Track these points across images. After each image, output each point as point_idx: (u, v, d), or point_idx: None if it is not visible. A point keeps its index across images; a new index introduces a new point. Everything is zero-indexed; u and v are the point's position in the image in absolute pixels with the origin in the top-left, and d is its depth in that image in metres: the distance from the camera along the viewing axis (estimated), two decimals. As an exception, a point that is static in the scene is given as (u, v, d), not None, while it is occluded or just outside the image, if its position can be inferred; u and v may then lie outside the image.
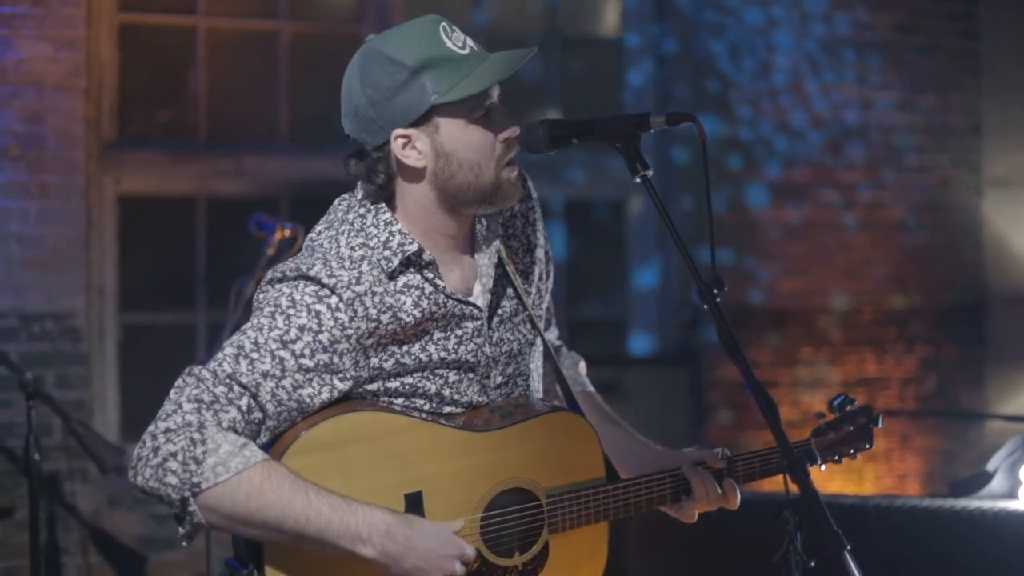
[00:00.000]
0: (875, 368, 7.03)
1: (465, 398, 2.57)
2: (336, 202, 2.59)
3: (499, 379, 2.62)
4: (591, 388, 2.92)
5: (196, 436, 2.34)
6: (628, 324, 6.76)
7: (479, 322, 2.58)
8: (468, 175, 2.48)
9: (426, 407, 2.55)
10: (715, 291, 2.37)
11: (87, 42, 5.54)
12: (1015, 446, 4.48)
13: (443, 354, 2.54)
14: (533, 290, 2.71)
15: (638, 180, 2.46)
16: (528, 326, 2.68)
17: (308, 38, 6.16)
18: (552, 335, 2.89)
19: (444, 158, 2.48)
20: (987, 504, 4.26)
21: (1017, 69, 7.23)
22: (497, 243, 2.62)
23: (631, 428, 2.84)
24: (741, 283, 6.66)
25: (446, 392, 2.55)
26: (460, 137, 2.47)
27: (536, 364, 2.72)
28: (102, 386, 5.66)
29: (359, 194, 2.56)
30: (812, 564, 2.31)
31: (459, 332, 2.55)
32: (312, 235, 2.56)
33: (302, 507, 2.35)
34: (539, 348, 2.71)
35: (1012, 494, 4.44)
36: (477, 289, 2.60)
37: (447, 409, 2.56)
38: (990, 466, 4.55)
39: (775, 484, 2.72)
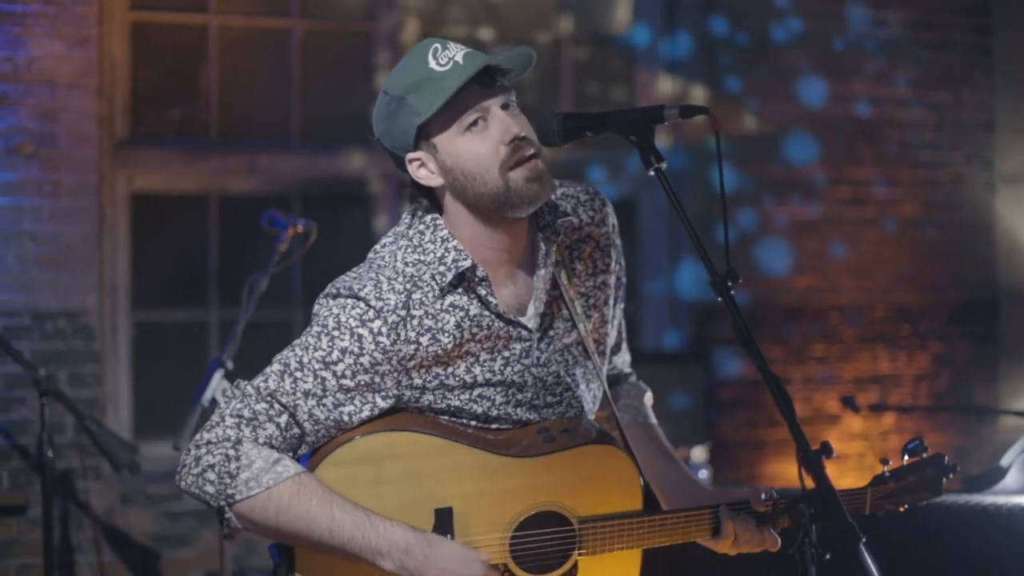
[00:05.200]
0: (888, 365, 7.02)
1: (514, 417, 2.61)
2: (403, 216, 2.67)
3: (550, 399, 2.65)
4: (653, 420, 2.92)
5: (231, 452, 2.48)
6: (640, 320, 6.75)
7: (527, 343, 2.61)
8: (476, 186, 2.52)
9: (472, 423, 2.60)
10: (729, 284, 2.37)
11: (99, 40, 5.54)
12: (1029, 441, 4.47)
13: (488, 375, 2.58)
14: (596, 315, 2.71)
15: (652, 173, 2.45)
16: (580, 349, 2.68)
17: (320, 36, 6.17)
18: (622, 360, 2.91)
19: (450, 173, 2.54)
20: (1001, 499, 4.25)
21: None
22: (553, 266, 2.63)
23: (685, 466, 2.84)
24: (753, 279, 6.66)
25: (493, 413, 2.60)
26: (454, 151, 2.53)
27: (591, 386, 2.72)
28: (115, 384, 5.67)
29: (422, 209, 2.63)
30: (827, 557, 2.30)
31: (506, 353, 2.59)
32: (376, 247, 2.64)
33: (326, 523, 2.46)
34: (594, 372, 2.72)
35: (1026, 489, 4.43)
36: (531, 309, 2.62)
37: (494, 425, 2.61)
38: (1004, 461, 4.54)
39: (790, 479, 2.72)
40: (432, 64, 2.50)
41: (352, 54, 6.21)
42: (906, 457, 2.81)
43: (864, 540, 2.20)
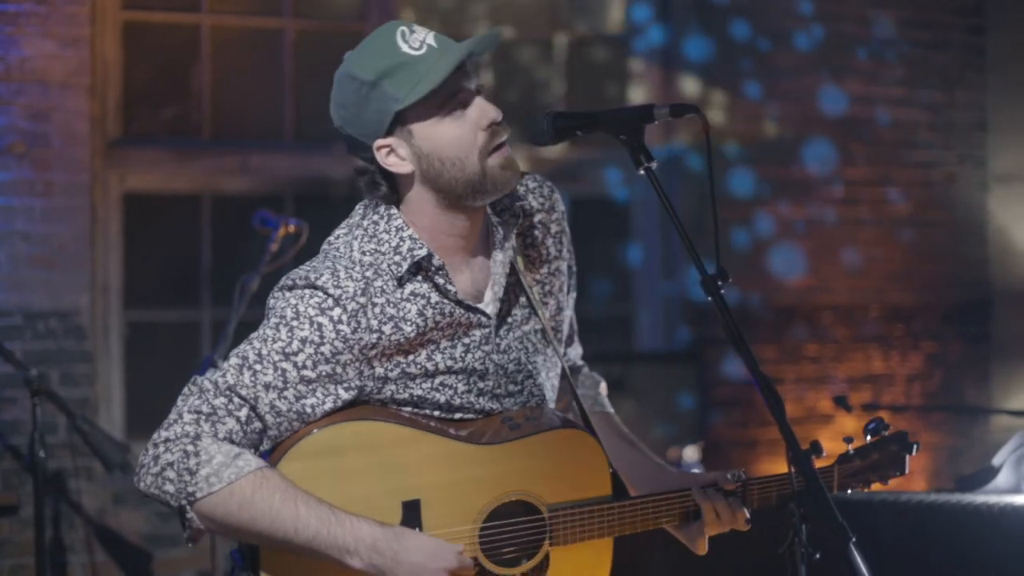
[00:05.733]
0: (881, 365, 7.02)
1: (477, 406, 2.57)
2: (356, 207, 2.62)
3: (511, 387, 2.62)
4: (610, 409, 2.91)
5: (190, 448, 2.40)
6: (633, 320, 6.75)
7: (487, 329, 2.58)
8: (453, 171, 2.49)
9: (436, 414, 2.55)
10: (719, 283, 2.36)
11: (91, 40, 5.54)
12: (1021, 440, 4.46)
13: (449, 363, 2.54)
14: (552, 302, 2.70)
15: (642, 172, 2.45)
16: (539, 336, 2.66)
17: (313, 36, 6.16)
18: (575, 352, 2.88)
19: (425, 159, 2.49)
20: (993, 499, 4.25)
21: (1023, 64, 7.21)
22: (511, 251, 2.61)
23: (648, 450, 2.83)
24: (745, 279, 6.66)
25: (456, 402, 2.56)
26: (434, 136, 2.48)
27: (550, 375, 2.70)
28: (107, 384, 5.66)
29: (378, 199, 2.58)
30: (817, 556, 2.30)
31: (466, 340, 2.56)
32: (330, 239, 2.60)
33: (291, 519, 2.39)
34: (553, 360, 2.71)
35: (1018, 489, 4.42)
36: (488, 295, 2.59)
37: (458, 416, 2.56)
38: (996, 461, 4.53)
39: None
40: (404, 48, 2.46)
41: (345, 54, 6.20)
42: (868, 437, 2.81)
43: (854, 539, 2.19)
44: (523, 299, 2.65)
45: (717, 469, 6.51)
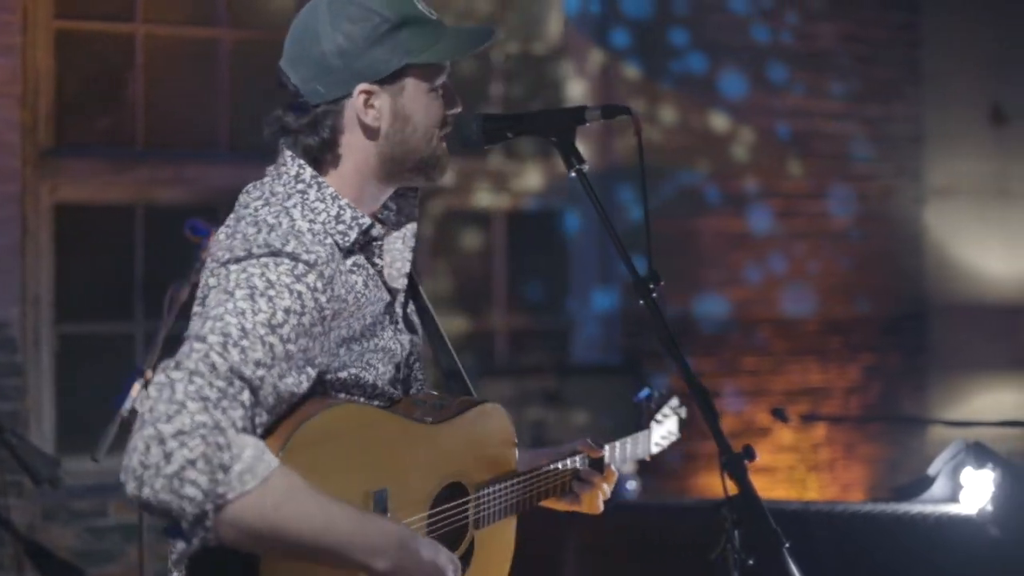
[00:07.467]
0: (819, 377, 7.04)
1: (387, 391, 2.43)
2: (267, 175, 2.45)
3: (405, 371, 2.50)
4: None
5: (221, 440, 2.01)
6: (571, 332, 6.73)
7: (391, 307, 2.46)
8: (420, 142, 2.40)
9: (360, 400, 2.38)
10: (651, 286, 2.35)
11: (23, 48, 5.47)
12: (957, 450, 4.48)
13: (378, 341, 2.40)
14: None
15: (573, 174, 2.43)
16: (418, 322, 2.59)
17: (249, 45, 6.11)
18: None
19: (401, 120, 2.38)
20: (929, 508, 4.25)
21: (959, 78, 7.28)
22: (415, 227, 2.54)
23: None
24: (683, 292, 6.66)
25: (378, 384, 2.40)
26: (421, 101, 2.39)
27: (423, 363, 2.63)
28: (38, 397, 5.58)
29: (289, 169, 2.41)
30: (750, 562, 2.28)
31: (381, 318, 2.42)
32: (247, 211, 2.34)
33: (322, 519, 2.11)
34: (422, 347, 2.63)
35: (954, 498, 4.44)
36: (392, 272, 2.48)
37: (375, 403, 2.41)
38: (932, 470, 4.54)
39: (715, 489, 2.72)
40: (420, 7, 2.39)
41: (281, 64, 6.15)
42: (651, 403, 3.10)
43: (788, 545, 2.18)
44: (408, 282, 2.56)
45: (654, 482, 6.52)
